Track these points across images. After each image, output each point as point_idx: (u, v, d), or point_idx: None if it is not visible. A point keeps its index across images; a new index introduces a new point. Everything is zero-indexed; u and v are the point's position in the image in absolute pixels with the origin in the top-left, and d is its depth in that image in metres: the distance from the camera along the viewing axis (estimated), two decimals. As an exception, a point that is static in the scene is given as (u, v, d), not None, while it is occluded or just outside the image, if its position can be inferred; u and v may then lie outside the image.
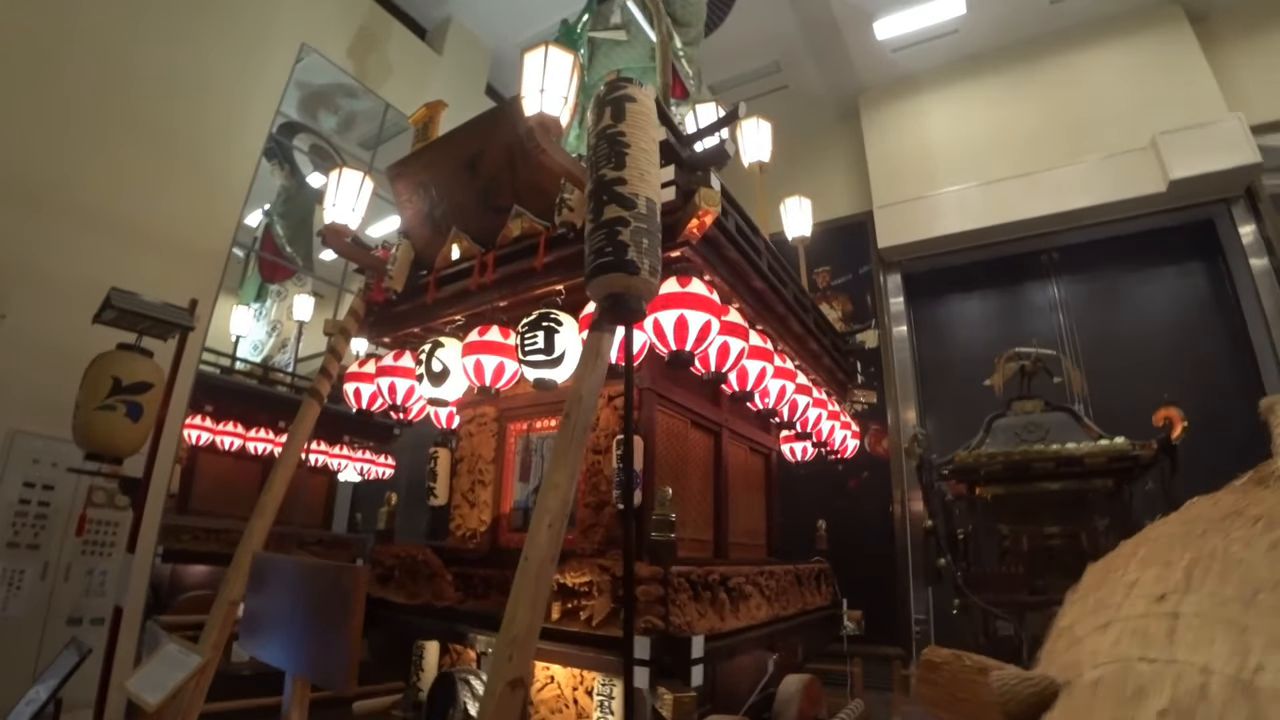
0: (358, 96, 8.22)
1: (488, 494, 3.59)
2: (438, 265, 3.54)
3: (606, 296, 2.24)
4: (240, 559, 3.08)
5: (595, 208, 2.26)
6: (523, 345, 2.99)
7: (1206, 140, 5.88)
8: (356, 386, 3.77)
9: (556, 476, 2.14)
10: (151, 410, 3.50)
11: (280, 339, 7.02)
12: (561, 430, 2.23)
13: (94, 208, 4.35)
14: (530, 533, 2.08)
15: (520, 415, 3.67)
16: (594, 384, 2.31)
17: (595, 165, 2.34)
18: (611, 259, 2.18)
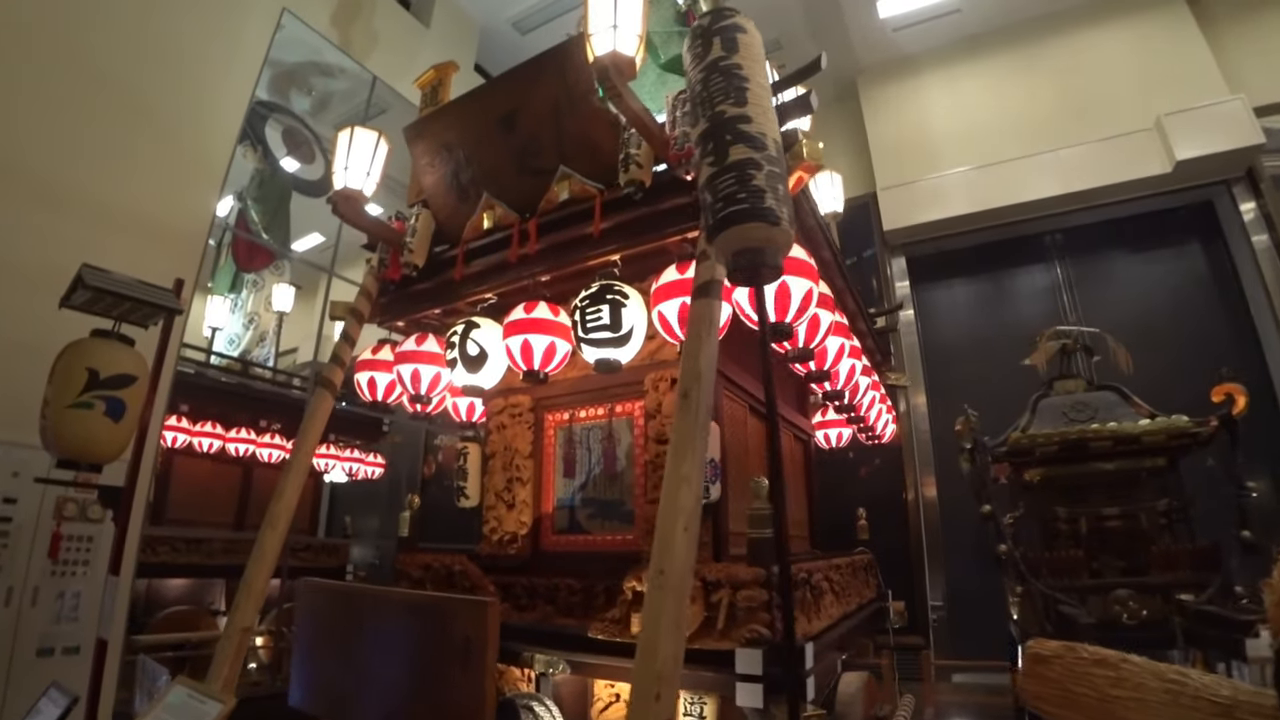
0: (334, 76, 7.57)
1: (527, 493, 3.13)
2: (466, 236, 3.06)
3: (742, 251, 1.79)
4: (252, 580, 2.55)
5: (716, 148, 1.83)
6: (582, 321, 2.55)
7: (1211, 121, 5.74)
8: (371, 376, 3.27)
9: (685, 468, 1.71)
10: (135, 408, 2.94)
11: (259, 332, 6.37)
12: (682, 413, 1.81)
13: (55, 183, 3.72)
14: (660, 540, 1.65)
15: (560, 404, 3.22)
16: (711, 356, 1.90)
17: (708, 101, 1.90)
18: (747, 206, 1.74)
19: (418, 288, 3.25)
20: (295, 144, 7.24)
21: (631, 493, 2.92)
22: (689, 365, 1.89)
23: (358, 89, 7.45)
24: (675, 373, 2.84)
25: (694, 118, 2.04)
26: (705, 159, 1.90)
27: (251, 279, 6.45)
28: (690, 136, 2.14)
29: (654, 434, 2.83)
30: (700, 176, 1.93)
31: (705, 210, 1.86)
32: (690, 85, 2.18)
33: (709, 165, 1.89)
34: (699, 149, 1.96)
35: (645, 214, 2.63)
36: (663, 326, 2.47)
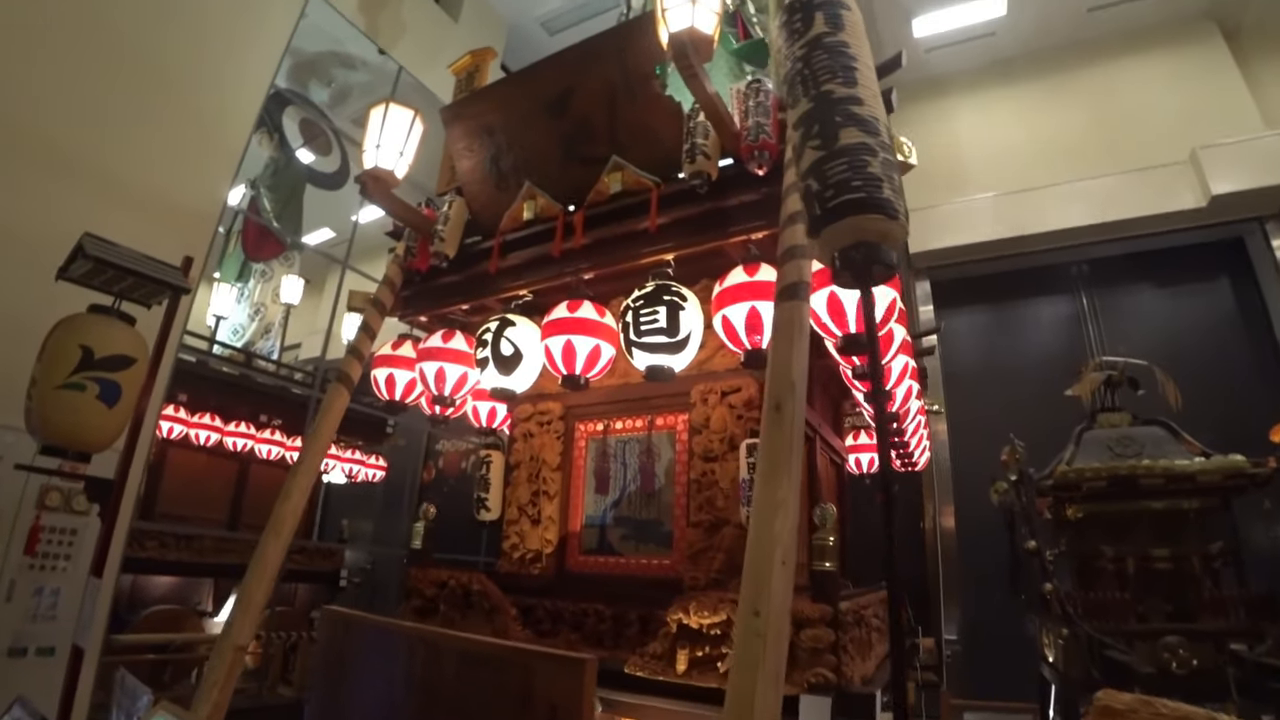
0: (354, 68, 7.34)
1: (553, 508, 2.84)
2: (504, 227, 2.79)
3: (856, 246, 1.53)
4: (251, 593, 2.25)
5: (823, 131, 1.57)
6: (635, 324, 2.28)
7: (1249, 156, 5.56)
8: (390, 372, 2.98)
9: (781, 492, 1.44)
10: (131, 393, 2.64)
11: (264, 323, 6.07)
12: (774, 429, 1.53)
13: (62, 147, 3.44)
14: (753, 577, 1.37)
15: (593, 413, 2.94)
16: (803, 365, 1.63)
17: (811, 79, 1.64)
18: (863, 195, 1.47)
19: (446, 280, 2.97)
20: (312, 135, 6.99)
21: (670, 513, 2.64)
22: (780, 374, 1.62)
23: (378, 83, 7.20)
24: (725, 385, 2.59)
25: (793, 97, 1.78)
26: (809, 142, 1.64)
27: (260, 269, 6.16)
28: (787, 119, 1.88)
29: (700, 451, 2.56)
30: (802, 162, 1.67)
31: (810, 199, 1.60)
32: (786, 62, 1.94)
33: (814, 149, 1.62)
34: (800, 131, 1.70)
35: (708, 210, 2.37)
36: (726, 333, 2.21)
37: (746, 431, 2.50)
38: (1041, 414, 5.27)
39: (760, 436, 1.59)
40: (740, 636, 1.35)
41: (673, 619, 2.16)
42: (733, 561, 2.37)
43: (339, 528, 6.51)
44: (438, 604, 2.67)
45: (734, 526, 2.40)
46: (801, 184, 1.71)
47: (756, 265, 2.22)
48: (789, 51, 1.91)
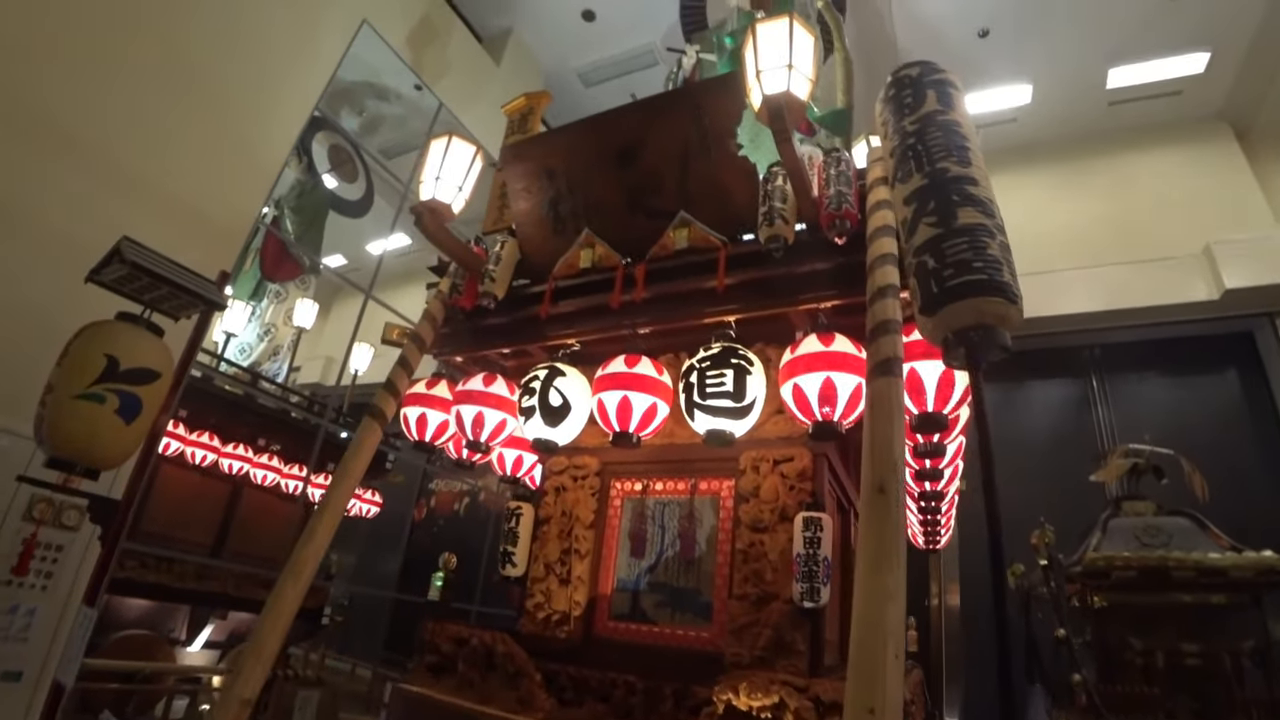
0: (388, 100, 7.37)
1: (584, 568, 2.68)
2: (558, 272, 2.70)
3: (975, 328, 1.50)
4: (264, 640, 2.06)
5: (940, 209, 1.57)
6: (700, 385, 2.18)
7: (1261, 252, 5.67)
8: (422, 412, 2.84)
9: (890, 581, 1.33)
10: (151, 410, 2.50)
11: (273, 345, 5.91)
12: (878, 513, 1.43)
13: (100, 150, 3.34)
14: (861, 670, 1.27)
15: (631, 472, 2.81)
16: (903, 445, 1.54)
17: (925, 156, 1.67)
18: (984, 277, 1.47)
19: (490, 322, 2.87)
20: (339, 161, 6.95)
21: (711, 583, 2.49)
22: (882, 455, 1.52)
23: (412, 117, 7.23)
24: (778, 453, 2.48)
25: (903, 171, 1.76)
26: (925, 218, 1.62)
27: (275, 289, 6.03)
28: (894, 193, 1.83)
29: (749, 520, 2.43)
30: (915, 237, 1.64)
31: (927, 276, 1.56)
32: (893, 137, 1.91)
33: (930, 225, 1.61)
34: (912, 206, 1.67)
35: (778, 275, 2.31)
36: (797, 402, 2.11)
37: (800, 504, 2.38)
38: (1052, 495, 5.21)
39: (861, 520, 1.49)
40: None
41: (720, 699, 1.99)
42: (780, 639, 2.22)
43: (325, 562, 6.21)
44: (455, 662, 2.48)
45: (783, 602, 2.26)
46: (914, 259, 1.67)
47: (831, 335, 2.13)
48: (897, 125, 1.89)
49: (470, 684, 2.41)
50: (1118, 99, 6.29)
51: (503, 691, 2.34)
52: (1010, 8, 5.77)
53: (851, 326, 2.13)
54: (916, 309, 1.62)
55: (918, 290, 1.61)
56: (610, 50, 6.80)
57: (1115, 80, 6.19)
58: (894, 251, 1.94)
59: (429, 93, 6.78)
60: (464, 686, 2.41)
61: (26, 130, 3.07)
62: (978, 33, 5.99)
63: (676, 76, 4.31)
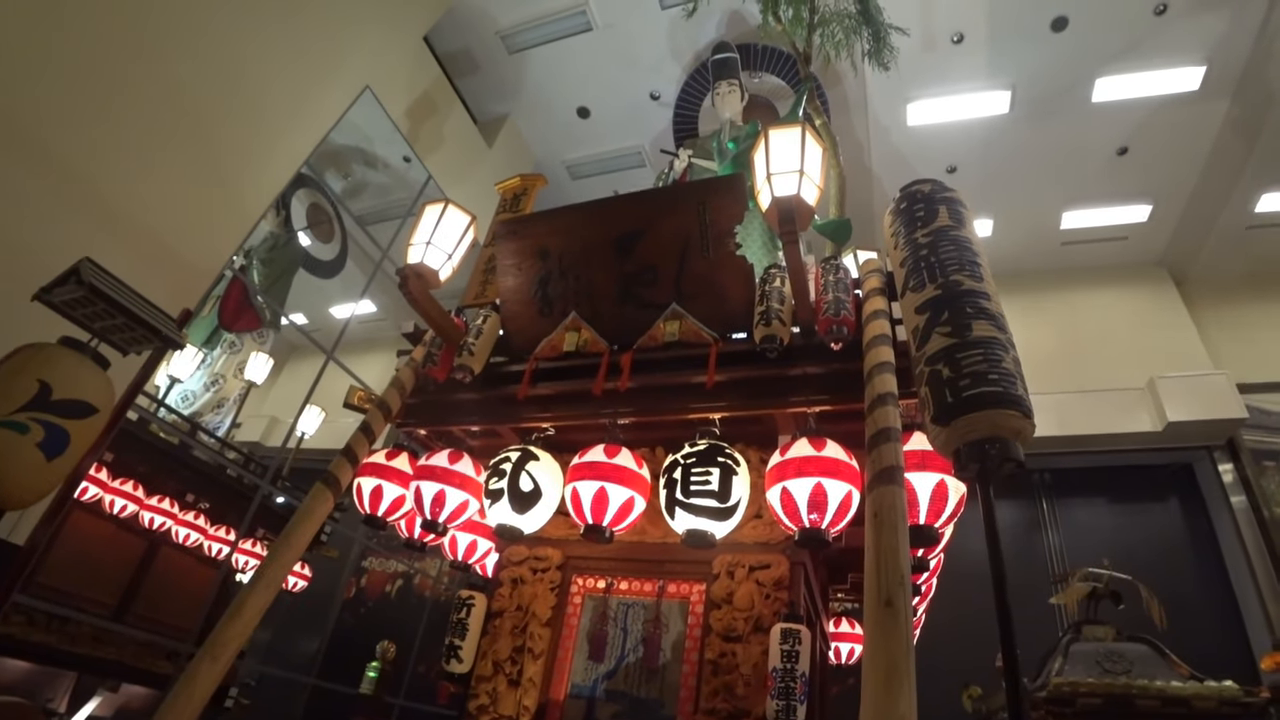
0: (375, 167, 7.42)
1: (537, 669, 2.45)
2: (540, 353, 2.62)
3: (989, 440, 1.48)
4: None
5: (953, 319, 1.59)
6: (685, 482, 2.08)
7: (1200, 390, 5.97)
8: (378, 484, 2.64)
9: (903, 706, 1.22)
10: (79, 448, 2.26)
11: (219, 396, 5.58)
12: (887, 629, 1.34)
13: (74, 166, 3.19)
14: None
15: (596, 569, 2.64)
16: (908, 557, 1.46)
17: (938, 267, 1.71)
18: (999, 389, 1.49)
19: (463, 396, 2.73)
20: (318, 220, 6.89)
21: (675, 695, 2.29)
22: (889, 566, 1.44)
23: (395, 187, 7.27)
24: (755, 559, 2.36)
25: (915, 281, 1.79)
26: (938, 328, 1.63)
27: (230, 339, 5.76)
28: (903, 302, 1.84)
29: (720, 629, 2.27)
30: (927, 346, 1.65)
31: (941, 385, 1.56)
32: (903, 248, 1.94)
33: (944, 335, 1.62)
34: (925, 315, 1.69)
35: (769, 376, 2.27)
36: (785, 507, 2.01)
37: (775, 614, 2.25)
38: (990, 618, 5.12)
39: (868, 638, 1.39)
40: None
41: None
42: (756, 765, 2.03)
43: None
44: (383, 779, 2.18)
45: (755, 719, 2.08)
46: (926, 368, 1.66)
47: (823, 440, 2.08)
48: (909, 237, 1.92)
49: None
50: (1070, 240, 6.75)
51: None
52: (978, 151, 6.23)
53: (839, 433, 2.09)
54: (928, 417, 1.60)
55: (930, 399, 1.59)
56: (600, 147, 7.03)
57: (1068, 223, 6.67)
58: (891, 360, 1.94)
59: (417, 166, 6.84)
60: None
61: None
62: (946, 169, 6.42)
63: (667, 177, 4.44)
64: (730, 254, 2.45)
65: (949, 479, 1.99)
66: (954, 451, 1.57)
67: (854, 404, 2.24)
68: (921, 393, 1.65)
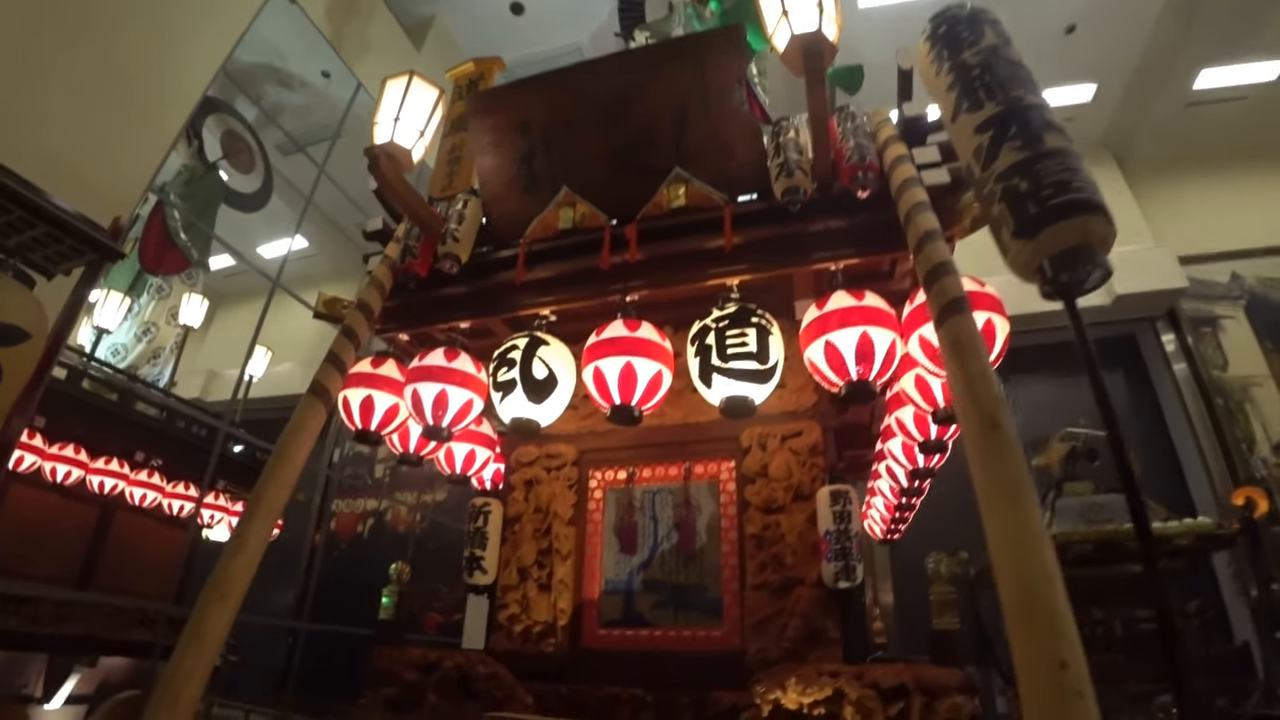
0: (291, 87, 6.72)
1: (566, 570, 2.33)
2: (532, 234, 2.36)
3: (1079, 249, 1.40)
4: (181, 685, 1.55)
5: (1023, 132, 1.50)
6: (719, 346, 1.92)
7: (1144, 263, 6.18)
8: (367, 394, 2.38)
9: (1032, 519, 1.16)
10: (13, 384, 1.93)
11: (153, 346, 5.08)
12: (1000, 451, 1.25)
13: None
14: (1034, 622, 1.09)
15: (613, 460, 2.51)
16: (997, 380, 1.36)
17: (996, 85, 1.61)
18: (1085, 196, 1.39)
19: (449, 291, 2.47)
20: (235, 149, 6.22)
21: (718, 576, 2.21)
22: (984, 389, 1.32)
23: (316, 107, 6.61)
24: (786, 428, 2.25)
25: (969, 101, 1.65)
26: (1008, 143, 1.54)
27: (156, 283, 5.20)
28: (957, 123, 1.70)
29: (760, 502, 2.19)
30: (997, 163, 1.54)
31: (1020, 198, 1.46)
32: (947, 73, 1.77)
33: (1016, 150, 1.52)
34: (989, 133, 1.58)
35: (789, 233, 2.10)
36: (830, 361, 1.89)
37: (815, 479, 2.17)
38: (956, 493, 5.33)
39: (979, 464, 1.28)
40: (1047, 699, 0.98)
41: (766, 698, 1.72)
42: (811, 627, 1.98)
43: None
44: (422, 693, 2.04)
45: (809, 586, 2.03)
46: (998, 185, 1.56)
47: (862, 291, 1.95)
48: (955, 60, 1.78)
49: (445, 716, 1.99)
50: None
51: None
52: (926, 28, 6.04)
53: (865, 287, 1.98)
54: (1008, 234, 1.48)
55: (1007, 215, 1.49)
56: (537, 46, 6.52)
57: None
58: (928, 200, 1.82)
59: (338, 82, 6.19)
60: (436, 719, 1.98)
61: None
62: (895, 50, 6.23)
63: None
64: (735, 111, 2.22)
65: (995, 317, 1.91)
66: (1038, 266, 1.46)
67: (880, 255, 2.13)
68: (995, 211, 1.53)
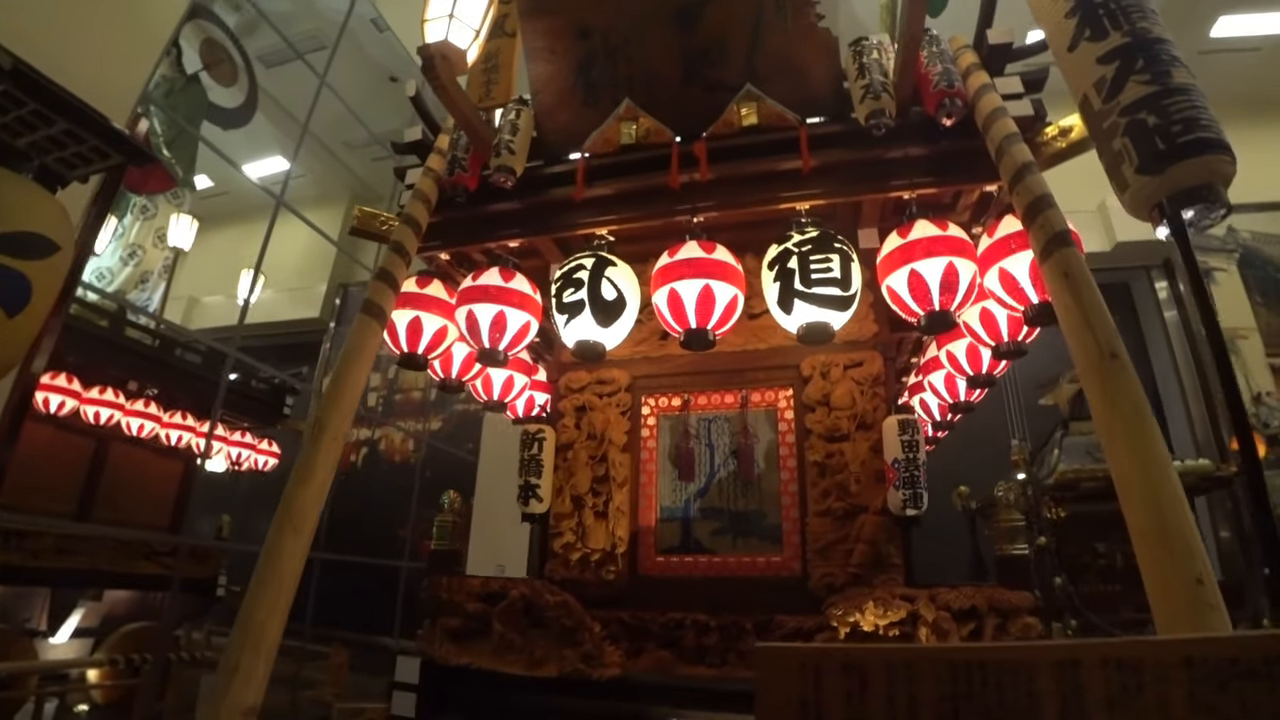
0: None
1: (623, 497, 2.30)
2: (593, 148, 2.23)
3: (1204, 188, 1.39)
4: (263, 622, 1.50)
5: (1152, 67, 1.46)
6: (803, 270, 1.86)
7: (1142, 213, 6.24)
8: (414, 315, 2.28)
9: (1158, 447, 1.22)
10: (44, 300, 1.79)
11: (140, 269, 4.82)
12: (1120, 380, 1.29)
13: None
14: (1168, 542, 1.11)
15: (667, 386, 2.47)
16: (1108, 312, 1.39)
17: (1122, 15, 1.54)
18: (1213, 135, 1.37)
19: (499, 207, 2.34)
20: (215, 59, 5.79)
21: (777, 502, 2.22)
22: (1102, 320, 1.35)
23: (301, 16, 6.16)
24: (848, 358, 2.23)
25: (1092, 29, 1.61)
26: (1134, 75, 1.51)
27: (140, 203, 4.90)
28: (1077, 51, 1.64)
29: (822, 430, 2.18)
30: (1122, 95, 1.52)
31: (1146, 134, 1.44)
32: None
33: (1143, 84, 1.47)
34: (1115, 64, 1.56)
35: (868, 159, 2.02)
36: (913, 290, 1.85)
37: (878, 408, 2.16)
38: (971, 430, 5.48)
39: (1099, 395, 1.30)
40: (1185, 613, 1.04)
41: (844, 621, 1.74)
42: (877, 553, 2.00)
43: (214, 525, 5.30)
44: (488, 623, 2.03)
45: (874, 513, 2.05)
46: (1123, 118, 1.54)
47: (945, 222, 1.91)
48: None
49: (512, 646, 1.99)
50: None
51: (557, 650, 1.94)
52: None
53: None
54: (1131, 169, 1.46)
55: (1131, 149, 1.46)
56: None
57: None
58: (1018, 131, 1.79)
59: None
60: (505, 650, 1.98)
61: None
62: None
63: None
64: (812, 25, 2.10)
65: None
66: (1158, 203, 1.44)
67: (960, 185, 2.07)
68: (1117, 144, 1.51)
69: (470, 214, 2.36)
